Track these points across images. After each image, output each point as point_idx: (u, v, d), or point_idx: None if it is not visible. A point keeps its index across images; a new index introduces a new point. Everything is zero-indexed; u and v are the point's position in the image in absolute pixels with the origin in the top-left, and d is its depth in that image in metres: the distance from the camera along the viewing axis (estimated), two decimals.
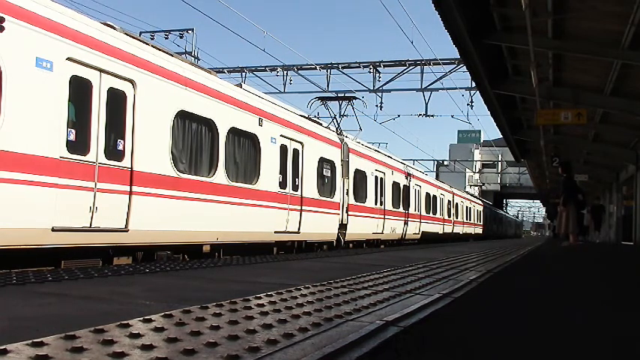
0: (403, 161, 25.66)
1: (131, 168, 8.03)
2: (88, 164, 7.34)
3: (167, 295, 3.60)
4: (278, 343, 2.14)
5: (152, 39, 22.31)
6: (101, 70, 7.59)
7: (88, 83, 7.45)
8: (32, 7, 6.63)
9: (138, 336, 2.15)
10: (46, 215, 6.74)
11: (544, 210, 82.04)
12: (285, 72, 27.56)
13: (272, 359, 1.93)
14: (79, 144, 7.26)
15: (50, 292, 3.54)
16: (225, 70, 28.14)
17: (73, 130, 7.21)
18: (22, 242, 6.61)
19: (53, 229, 6.82)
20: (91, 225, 7.35)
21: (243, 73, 28.24)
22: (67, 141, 7.08)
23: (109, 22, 8.39)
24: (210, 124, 10.01)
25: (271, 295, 3.45)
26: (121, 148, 7.92)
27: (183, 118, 9.32)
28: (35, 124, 6.62)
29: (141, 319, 2.47)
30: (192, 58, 23.63)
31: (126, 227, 7.91)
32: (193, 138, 9.67)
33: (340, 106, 21.18)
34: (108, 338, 2.06)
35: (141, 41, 8.93)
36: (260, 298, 3.33)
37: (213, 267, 6.16)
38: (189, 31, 24.63)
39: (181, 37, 24.60)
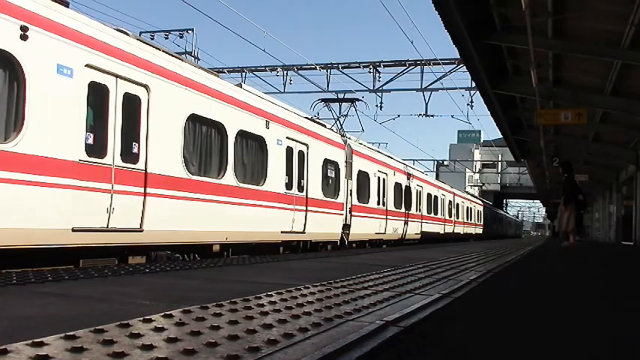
0: (405, 162, 25.70)
1: (145, 170, 8.26)
2: (105, 167, 7.59)
3: (167, 295, 3.60)
4: (278, 343, 2.13)
5: (152, 39, 22.29)
6: (117, 76, 7.83)
7: (105, 89, 7.70)
8: (54, 16, 6.89)
9: (138, 336, 2.14)
10: (67, 216, 6.98)
11: (544, 210, 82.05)
12: (285, 72, 27.52)
13: (272, 359, 1.93)
14: (96, 147, 7.52)
15: (50, 292, 3.54)
16: (225, 70, 28.10)
17: (91, 134, 7.48)
18: (46, 242, 6.85)
19: (73, 230, 7.05)
20: (107, 225, 7.58)
21: (243, 73, 28.21)
22: (86, 144, 7.34)
23: (121, 28, 8.65)
24: (219, 127, 10.25)
25: (271, 295, 3.45)
26: (135, 150, 8.16)
27: (195, 121, 9.56)
28: (56, 129, 6.88)
29: (141, 319, 2.47)
30: (192, 58, 23.61)
31: (140, 227, 8.13)
32: (204, 141, 9.93)
33: (340, 107, 21.22)
34: (108, 338, 2.05)
35: (153, 47, 9.17)
36: (260, 298, 3.33)
37: (213, 267, 6.16)
38: (189, 31, 24.59)
39: (181, 37, 24.56)
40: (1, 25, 6.20)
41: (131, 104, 8.09)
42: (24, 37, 6.42)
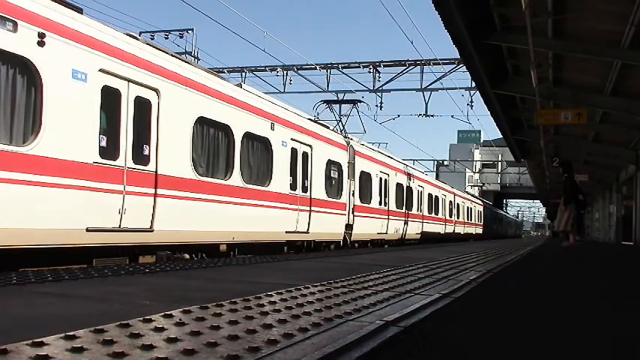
0: (406, 163, 25.74)
1: (156, 172, 8.44)
2: (117, 168, 7.77)
3: (167, 295, 3.60)
4: (278, 343, 2.14)
5: (152, 39, 22.27)
6: (129, 80, 8.00)
7: (118, 92, 7.87)
8: (69, 22, 7.07)
9: (138, 336, 2.14)
10: (82, 217, 7.15)
11: (544, 210, 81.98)
12: (285, 72, 27.51)
13: (272, 359, 1.93)
14: (109, 150, 7.69)
15: (50, 292, 3.54)
16: (225, 70, 28.07)
17: (105, 137, 7.66)
18: (62, 242, 7.02)
19: (87, 230, 7.23)
20: (120, 225, 7.75)
21: (243, 73, 28.20)
22: (100, 147, 7.51)
23: (131, 33, 8.85)
24: (226, 129, 10.43)
25: (271, 295, 3.45)
26: (146, 153, 8.35)
27: (203, 124, 9.73)
28: (72, 132, 7.05)
29: (141, 319, 2.47)
30: (193, 58, 23.60)
31: (151, 227, 8.30)
32: (211, 142, 10.13)
33: (340, 108, 21.24)
34: (108, 338, 2.06)
35: (161, 50, 9.33)
36: (260, 298, 3.33)
37: (213, 267, 6.16)
38: (189, 31, 24.58)
39: (181, 37, 24.52)
40: (20, 32, 6.37)
41: (142, 107, 8.28)
42: (41, 44, 6.61)
